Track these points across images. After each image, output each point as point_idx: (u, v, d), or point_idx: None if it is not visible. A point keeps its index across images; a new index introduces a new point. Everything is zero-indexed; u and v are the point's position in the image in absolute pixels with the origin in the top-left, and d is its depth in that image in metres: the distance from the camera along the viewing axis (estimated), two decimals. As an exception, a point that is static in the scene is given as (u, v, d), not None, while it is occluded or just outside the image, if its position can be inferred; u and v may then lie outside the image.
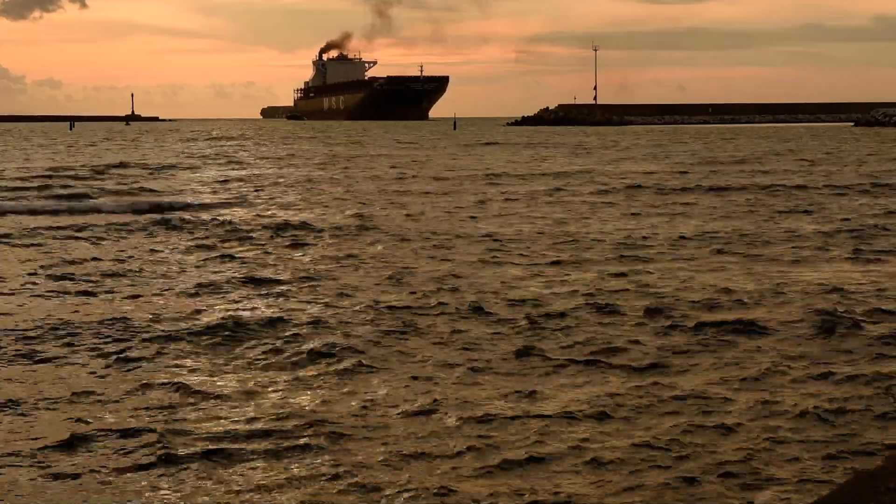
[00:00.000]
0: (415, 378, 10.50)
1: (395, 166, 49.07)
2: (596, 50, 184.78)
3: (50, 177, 40.58)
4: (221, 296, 15.01)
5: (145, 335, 12.37)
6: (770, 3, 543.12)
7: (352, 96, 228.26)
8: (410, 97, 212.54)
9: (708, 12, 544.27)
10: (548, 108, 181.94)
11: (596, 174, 43.27)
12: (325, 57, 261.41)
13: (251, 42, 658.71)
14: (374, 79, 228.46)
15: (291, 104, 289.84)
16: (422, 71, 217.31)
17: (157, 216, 26.14)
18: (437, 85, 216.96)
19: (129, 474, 8.00)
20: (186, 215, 26.40)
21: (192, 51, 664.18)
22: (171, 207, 28.83)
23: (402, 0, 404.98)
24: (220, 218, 25.67)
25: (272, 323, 12.95)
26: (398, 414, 9.38)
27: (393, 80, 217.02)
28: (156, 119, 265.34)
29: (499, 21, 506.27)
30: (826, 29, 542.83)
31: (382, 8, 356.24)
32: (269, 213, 27.67)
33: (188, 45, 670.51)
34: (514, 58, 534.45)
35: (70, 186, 36.29)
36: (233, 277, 16.58)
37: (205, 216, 26.09)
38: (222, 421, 9.17)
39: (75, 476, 7.96)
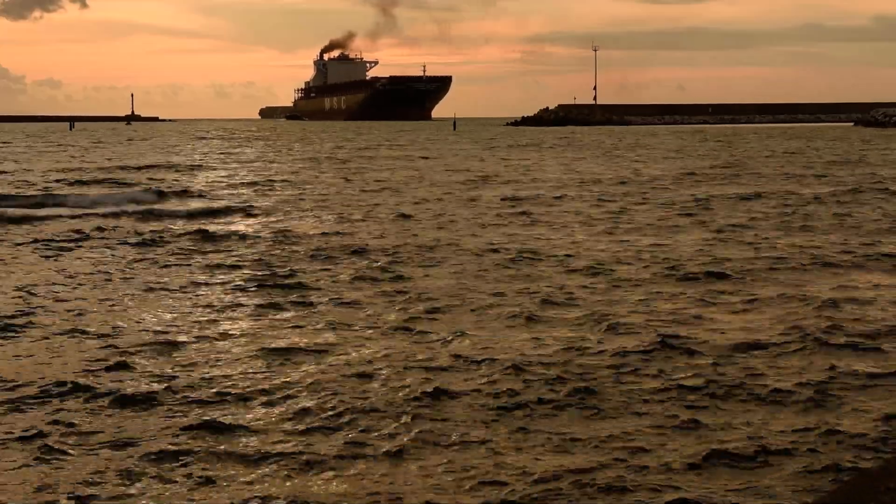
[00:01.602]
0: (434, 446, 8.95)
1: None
2: (596, 50, 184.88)
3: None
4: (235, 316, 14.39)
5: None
6: (770, 3, 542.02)
7: (353, 96, 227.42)
8: (412, 97, 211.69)
9: (708, 12, 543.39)
10: (548, 108, 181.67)
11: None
12: (326, 57, 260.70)
13: (251, 42, 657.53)
14: (375, 79, 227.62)
15: (291, 104, 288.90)
16: (424, 70, 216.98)
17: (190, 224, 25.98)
18: (439, 85, 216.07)
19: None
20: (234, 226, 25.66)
21: (192, 51, 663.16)
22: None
23: (402, 0, 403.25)
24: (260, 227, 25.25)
25: (280, 352, 12.16)
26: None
27: (395, 80, 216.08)
28: (156, 119, 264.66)
29: (499, 21, 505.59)
30: (826, 29, 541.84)
31: (387, 6, 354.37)
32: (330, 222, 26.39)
33: (188, 45, 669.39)
34: (520, 58, 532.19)
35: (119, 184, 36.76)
36: (246, 295, 15.91)
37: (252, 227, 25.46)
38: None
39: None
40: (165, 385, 10.62)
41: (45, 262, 19.24)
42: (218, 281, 17.07)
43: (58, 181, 39.64)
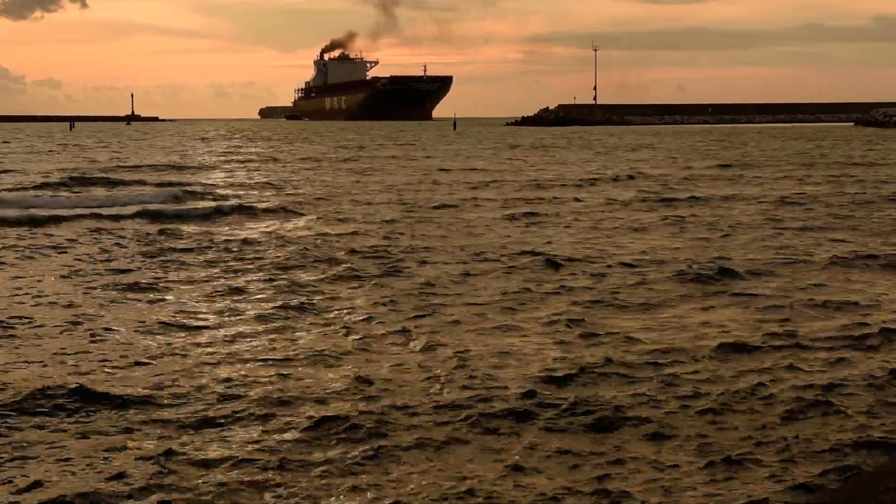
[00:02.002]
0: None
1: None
2: (596, 50, 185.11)
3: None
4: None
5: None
6: (770, 3, 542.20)
7: (354, 96, 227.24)
8: (413, 97, 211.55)
9: (708, 12, 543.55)
10: (548, 108, 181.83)
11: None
12: (326, 57, 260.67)
13: (251, 42, 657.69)
14: (376, 78, 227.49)
15: (290, 104, 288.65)
16: (425, 70, 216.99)
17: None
18: (440, 85, 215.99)
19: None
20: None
21: (192, 51, 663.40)
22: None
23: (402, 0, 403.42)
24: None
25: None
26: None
27: (396, 80, 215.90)
28: (156, 119, 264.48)
29: (499, 21, 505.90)
30: (826, 29, 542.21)
31: (388, 5, 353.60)
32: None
33: (188, 45, 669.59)
34: (521, 57, 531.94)
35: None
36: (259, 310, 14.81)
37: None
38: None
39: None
40: (157, 388, 10.67)
41: (44, 263, 19.22)
42: (220, 283, 17.07)
43: (62, 182, 39.16)
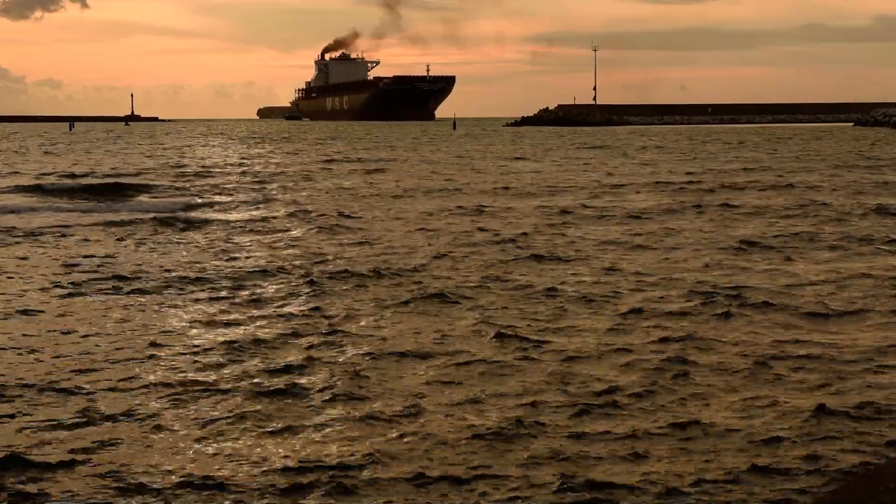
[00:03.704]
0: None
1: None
2: (595, 50, 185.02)
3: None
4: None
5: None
6: (770, 3, 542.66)
7: (356, 96, 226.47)
8: (416, 97, 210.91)
9: (709, 12, 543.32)
10: (547, 108, 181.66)
11: None
12: (327, 57, 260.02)
13: (251, 42, 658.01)
14: (379, 78, 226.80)
15: (289, 104, 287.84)
16: (428, 70, 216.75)
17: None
18: (444, 85, 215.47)
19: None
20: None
21: (192, 51, 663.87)
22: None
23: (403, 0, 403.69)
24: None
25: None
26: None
27: (399, 80, 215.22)
28: (155, 119, 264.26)
29: (499, 22, 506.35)
30: (826, 29, 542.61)
31: (392, 5, 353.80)
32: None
33: (188, 45, 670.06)
34: (522, 58, 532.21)
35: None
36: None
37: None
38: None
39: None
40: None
41: (45, 268, 19.17)
42: (225, 295, 16.67)
43: (64, 185, 38.46)
